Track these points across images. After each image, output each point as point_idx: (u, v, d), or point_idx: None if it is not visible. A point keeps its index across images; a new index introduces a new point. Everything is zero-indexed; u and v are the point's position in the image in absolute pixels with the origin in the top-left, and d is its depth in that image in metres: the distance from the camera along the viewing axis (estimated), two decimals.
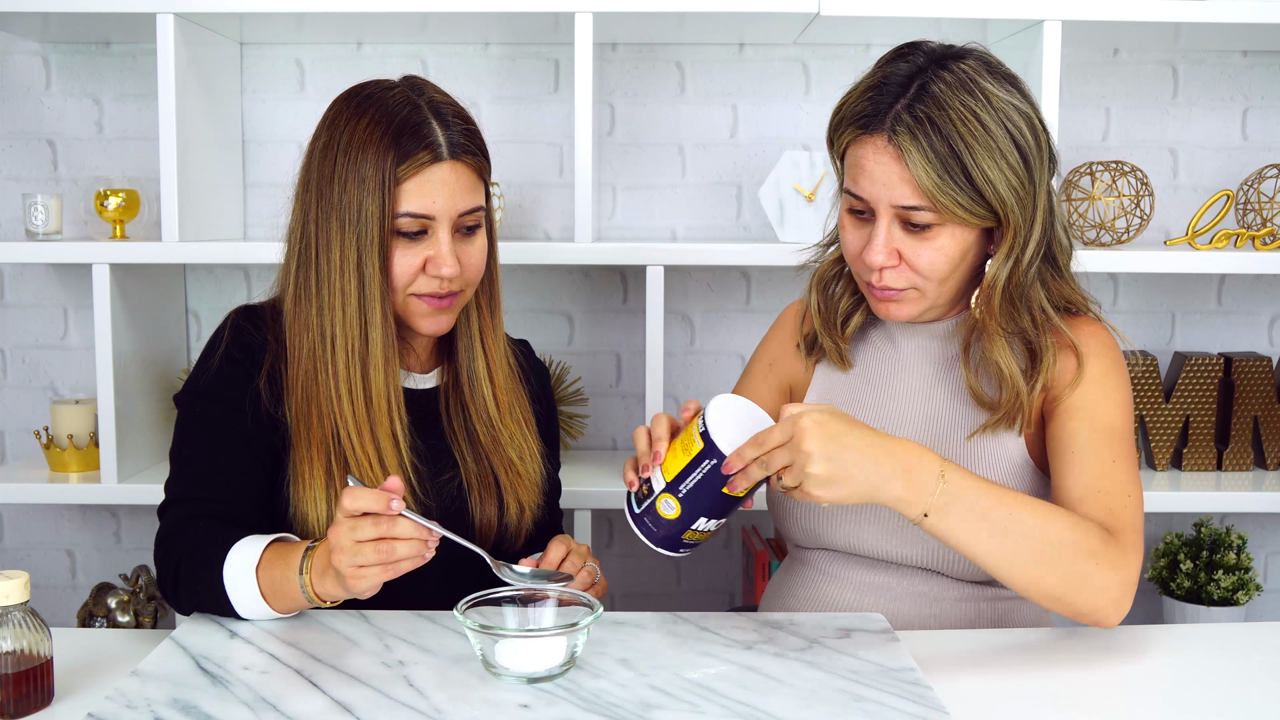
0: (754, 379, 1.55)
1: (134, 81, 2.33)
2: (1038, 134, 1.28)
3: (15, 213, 2.34)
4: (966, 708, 1.08)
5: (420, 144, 1.31)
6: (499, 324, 1.47)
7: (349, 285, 1.33)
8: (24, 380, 2.42)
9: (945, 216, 1.26)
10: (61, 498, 2.19)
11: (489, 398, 1.44)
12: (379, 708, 1.04)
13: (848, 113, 1.31)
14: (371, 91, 1.36)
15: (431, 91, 1.38)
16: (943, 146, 1.24)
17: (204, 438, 1.35)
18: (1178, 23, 2.03)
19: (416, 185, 1.31)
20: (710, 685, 1.08)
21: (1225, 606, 2.18)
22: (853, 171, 1.31)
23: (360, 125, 1.33)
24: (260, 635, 1.21)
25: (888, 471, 1.14)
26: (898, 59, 1.31)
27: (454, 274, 1.34)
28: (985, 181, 1.25)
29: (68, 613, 2.42)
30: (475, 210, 1.36)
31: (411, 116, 1.32)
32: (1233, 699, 1.13)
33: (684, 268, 2.36)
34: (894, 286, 1.32)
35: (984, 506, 1.17)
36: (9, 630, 1.05)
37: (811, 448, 1.12)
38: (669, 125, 2.36)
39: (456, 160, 1.33)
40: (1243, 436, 2.25)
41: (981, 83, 1.26)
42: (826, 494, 1.13)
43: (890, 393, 1.42)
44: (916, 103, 1.25)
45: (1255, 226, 2.19)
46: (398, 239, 1.33)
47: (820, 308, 1.46)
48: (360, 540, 1.13)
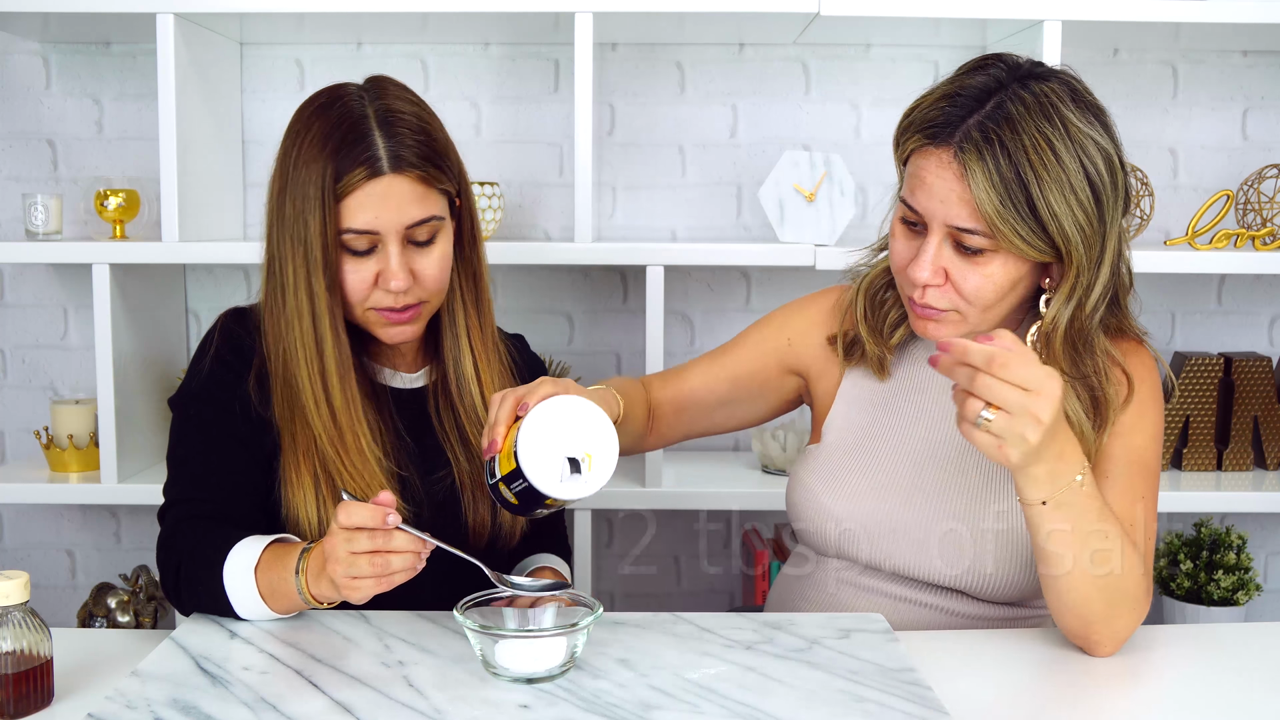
0: (759, 345, 1.50)
1: (134, 81, 2.33)
2: (1115, 172, 1.22)
3: (15, 213, 2.34)
4: (966, 708, 1.08)
5: (358, 159, 1.28)
6: (487, 323, 1.45)
7: (301, 303, 1.32)
8: (24, 380, 2.42)
9: (1001, 244, 1.21)
10: (61, 498, 2.19)
11: (477, 397, 1.43)
12: (379, 708, 1.04)
13: (917, 119, 1.25)
14: (325, 101, 1.34)
15: (389, 98, 1.33)
16: (1009, 171, 1.18)
17: (199, 439, 1.35)
18: (1178, 23, 2.03)
19: (357, 201, 1.29)
20: (710, 685, 1.08)
21: (1225, 606, 2.18)
22: (912, 181, 1.26)
23: (307, 139, 1.31)
24: (260, 636, 1.21)
25: (1051, 452, 1.12)
26: (977, 69, 1.25)
27: (404, 288, 1.31)
28: (1050, 215, 1.18)
29: (68, 613, 2.42)
30: (425, 221, 1.32)
31: (353, 130, 1.29)
32: (1233, 699, 1.13)
33: (684, 268, 2.36)
34: (935, 306, 1.27)
35: (1090, 522, 1.16)
36: (9, 630, 1.05)
37: (1044, 418, 1.07)
38: (669, 125, 2.36)
39: (399, 173, 1.29)
40: (1243, 436, 2.25)
41: (1062, 109, 1.19)
42: (1009, 451, 1.09)
43: (923, 408, 1.39)
44: (989, 121, 1.19)
45: (1255, 226, 2.19)
46: (346, 255, 1.31)
47: (867, 314, 1.41)
48: (355, 552, 1.13)
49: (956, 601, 1.35)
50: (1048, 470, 1.13)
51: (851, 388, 1.44)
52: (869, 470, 1.38)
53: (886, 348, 1.40)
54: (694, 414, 1.52)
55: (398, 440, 1.39)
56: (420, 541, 1.14)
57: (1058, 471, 1.14)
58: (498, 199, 2.11)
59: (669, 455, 2.34)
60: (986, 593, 1.33)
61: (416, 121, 1.33)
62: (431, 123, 1.35)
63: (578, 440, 1.13)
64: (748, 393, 1.51)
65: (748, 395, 1.51)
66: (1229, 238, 2.17)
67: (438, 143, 1.34)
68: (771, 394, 1.52)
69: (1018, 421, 1.07)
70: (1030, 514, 1.17)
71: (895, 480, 1.36)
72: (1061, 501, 1.15)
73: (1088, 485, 1.16)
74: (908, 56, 2.34)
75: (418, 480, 1.38)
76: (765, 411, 1.54)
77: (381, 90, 1.35)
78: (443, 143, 1.35)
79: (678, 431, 1.53)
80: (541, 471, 1.11)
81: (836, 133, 2.36)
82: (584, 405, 1.15)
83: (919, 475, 1.36)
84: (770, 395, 1.52)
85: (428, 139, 1.33)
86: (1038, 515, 1.16)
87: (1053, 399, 1.07)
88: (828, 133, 2.36)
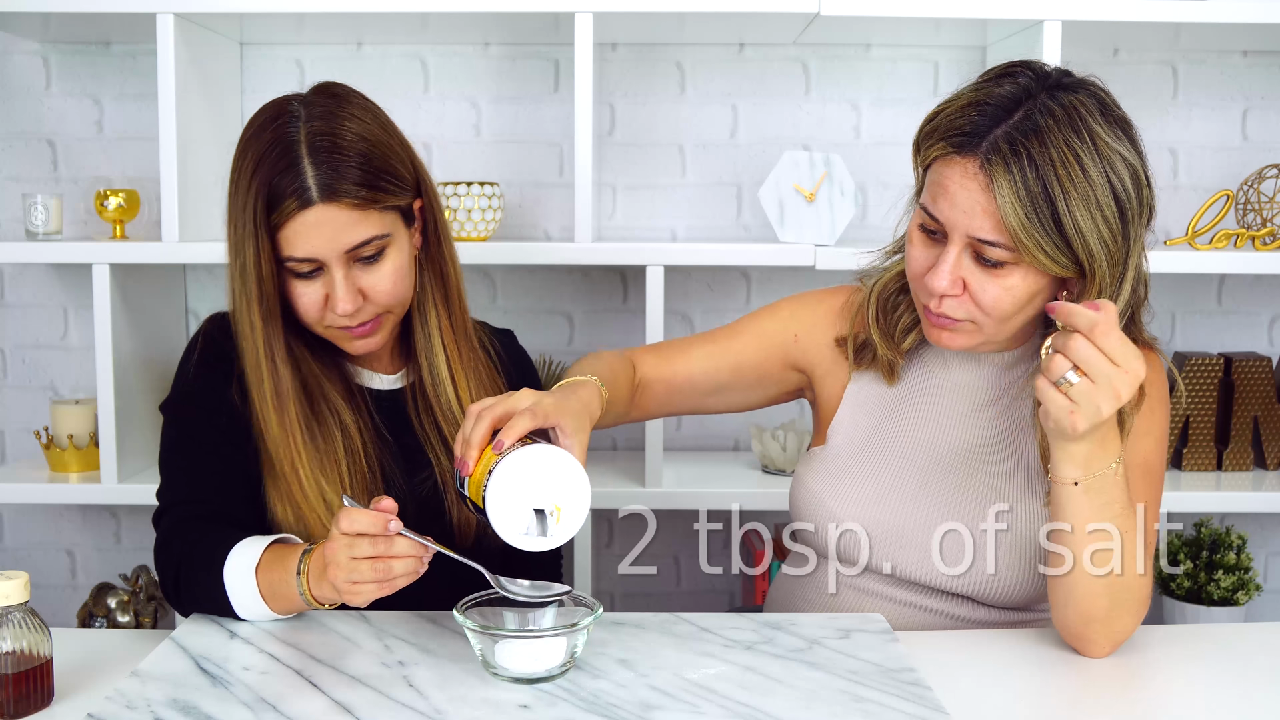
0: (764, 337, 1.48)
1: (134, 81, 2.33)
2: (1141, 188, 1.20)
3: (15, 213, 2.34)
4: (966, 708, 1.08)
5: (287, 191, 1.25)
6: (459, 323, 1.43)
7: (244, 329, 1.33)
8: (24, 380, 2.41)
9: (1023, 257, 1.19)
10: (61, 498, 2.19)
11: (452, 397, 1.41)
12: (379, 708, 1.04)
13: (942, 125, 1.23)
14: (261, 122, 1.31)
15: (325, 118, 1.28)
16: (1036, 185, 1.15)
17: (188, 442, 1.35)
18: (1178, 23, 2.03)
19: (292, 230, 1.27)
20: (710, 685, 1.08)
21: (1225, 606, 2.18)
22: (933, 189, 1.23)
23: (244, 164, 1.29)
24: (260, 636, 1.21)
25: (1099, 434, 1.15)
26: (1004, 76, 1.22)
27: (350, 310, 1.29)
28: (1075, 231, 1.17)
29: (68, 613, 2.42)
30: (366, 242, 1.28)
31: (283, 158, 1.26)
32: (1233, 699, 1.13)
33: (684, 268, 2.35)
34: (951, 316, 1.25)
35: (1115, 512, 1.18)
36: (9, 630, 1.05)
37: (1124, 395, 1.09)
38: (669, 125, 2.36)
39: (329, 202, 1.25)
40: (1243, 436, 2.25)
41: (1091, 123, 1.18)
42: (1079, 419, 1.10)
43: (929, 413, 1.39)
44: (1017, 132, 1.17)
45: (1255, 226, 2.19)
46: (294, 278, 1.30)
47: (879, 319, 1.40)
48: (356, 557, 1.12)
49: (959, 606, 1.35)
50: (1089, 452, 1.15)
51: (858, 391, 1.43)
52: (874, 475, 1.38)
53: (898, 352, 1.39)
54: (687, 396, 1.50)
55: (379, 441, 1.38)
56: (422, 546, 1.14)
57: (1097, 455, 1.15)
58: (498, 199, 2.11)
59: (669, 455, 2.34)
60: (988, 596, 1.33)
61: (354, 142, 1.28)
62: (374, 137, 1.30)
63: (548, 493, 1.10)
64: (746, 382, 1.50)
65: (746, 384, 1.50)
66: (1229, 238, 2.17)
67: (377, 160, 1.29)
68: (771, 385, 1.51)
69: (1098, 391, 1.09)
70: (1058, 493, 1.18)
71: (900, 486, 1.36)
72: (1092, 486, 1.16)
73: (1121, 474, 1.17)
74: (908, 56, 2.34)
75: (401, 481, 1.38)
76: (761, 400, 1.53)
77: (319, 108, 1.30)
78: (383, 159, 1.30)
79: (665, 409, 1.51)
80: (506, 524, 1.09)
81: (836, 133, 2.35)
82: (559, 458, 1.10)
83: (924, 480, 1.36)
84: (769, 386, 1.51)
85: (365, 160, 1.28)
86: (1067, 495, 1.17)
87: (1137, 379, 1.09)
88: (828, 133, 2.36)
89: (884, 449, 1.39)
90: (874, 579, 1.38)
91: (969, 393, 1.38)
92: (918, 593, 1.36)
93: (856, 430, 1.42)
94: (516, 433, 1.11)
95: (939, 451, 1.37)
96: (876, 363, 1.41)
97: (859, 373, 1.44)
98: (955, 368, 1.39)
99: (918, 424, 1.39)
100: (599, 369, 1.35)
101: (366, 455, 1.36)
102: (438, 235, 1.40)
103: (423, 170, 1.38)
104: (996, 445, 1.36)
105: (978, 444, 1.36)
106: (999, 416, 1.36)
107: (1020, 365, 1.36)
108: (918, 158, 1.29)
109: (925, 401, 1.40)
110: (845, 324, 1.46)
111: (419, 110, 2.34)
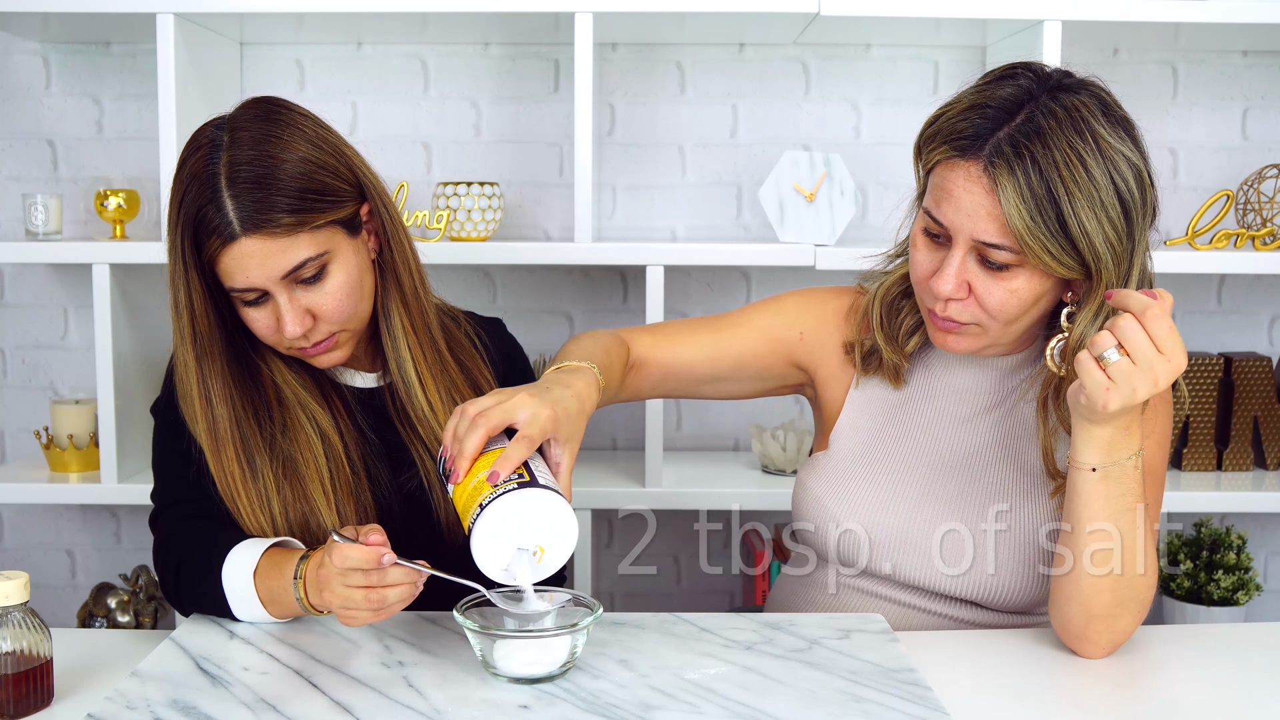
0: (768, 332, 1.47)
1: (134, 81, 2.33)
2: (1144, 188, 1.20)
3: (15, 213, 2.34)
4: (966, 708, 1.08)
5: (210, 227, 1.23)
6: (420, 324, 1.39)
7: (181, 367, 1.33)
8: (24, 380, 2.42)
9: (1029, 260, 1.18)
10: (61, 498, 2.19)
11: (422, 399, 1.38)
12: (379, 709, 1.04)
13: (944, 129, 1.22)
14: (185, 154, 1.27)
15: (244, 145, 1.24)
16: (1040, 187, 1.15)
17: (178, 444, 1.34)
18: (1178, 23, 2.03)
19: (225, 264, 1.24)
20: (710, 686, 1.08)
21: (1225, 606, 2.18)
22: (937, 193, 1.23)
23: (172, 201, 1.27)
24: (260, 636, 1.21)
25: (1123, 421, 1.15)
26: (1005, 78, 1.22)
27: (299, 333, 1.27)
28: (1080, 232, 1.16)
29: (68, 613, 2.42)
30: (302, 265, 1.25)
31: (203, 193, 1.23)
32: (1233, 699, 1.13)
33: (684, 268, 2.36)
34: (957, 319, 1.25)
35: (1127, 505, 1.18)
36: (9, 630, 1.05)
37: (1161, 382, 1.09)
38: (669, 125, 2.36)
39: (253, 234, 1.22)
40: (1243, 436, 2.25)
41: (1093, 124, 1.17)
42: (1112, 398, 1.10)
43: (932, 416, 1.39)
44: (1019, 134, 1.16)
45: (1255, 226, 2.19)
46: (244, 306, 1.29)
47: (883, 323, 1.39)
48: (351, 586, 1.12)
49: (960, 609, 1.35)
50: (1112, 438, 1.16)
51: (861, 395, 1.43)
52: (878, 480, 1.37)
53: (902, 356, 1.39)
54: (682, 381, 1.48)
55: (362, 441, 1.37)
56: (415, 572, 1.13)
57: (1119, 443, 1.16)
58: (498, 199, 2.11)
59: (669, 455, 2.34)
60: (988, 598, 1.33)
61: (276, 166, 1.23)
62: (300, 156, 1.25)
63: (534, 535, 1.09)
64: (746, 374, 1.48)
65: (745, 376, 1.49)
66: (1229, 238, 2.17)
67: (304, 180, 1.24)
68: (771, 379, 1.50)
69: (1137, 374, 1.09)
70: (1075, 479, 1.19)
71: (904, 490, 1.36)
72: (1110, 475, 1.17)
73: (1139, 471, 1.18)
74: (908, 56, 2.34)
75: (386, 479, 1.37)
76: (758, 392, 1.52)
77: (244, 133, 1.25)
78: (310, 177, 1.25)
79: (658, 392, 1.50)
80: (488, 558, 1.08)
81: (836, 133, 2.36)
82: (551, 503, 1.08)
83: (926, 485, 1.36)
84: (769, 380, 1.50)
85: (290, 183, 1.23)
86: (1083, 482, 1.18)
87: (1177, 369, 1.10)
88: (828, 133, 2.36)
89: (887, 454, 1.39)
90: (874, 580, 1.38)
91: (971, 397, 1.38)
92: (918, 595, 1.36)
93: (859, 435, 1.41)
94: (511, 465, 1.09)
95: (941, 456, 1.37)
96: (882, 368, 1.41)
97: (864, 377, 1.43)
98: (958, 372, 1.39)
99: (920, 428, 1.39)
100: (594, 352, 1.32)
101: (349, 459, 1.35)
102: (389, 237, 1.36)
103: (366, 174, 1.33)
104: (998, 450, 1.36)
105: (980, 448, 1.36)
106: (1001, 421, 1.36)
107: (1023, 370, 1.36)
108: (919, 161, 1.28)
109: (928, 406, 1.40)
110: (851, 328, 1.45)
111: (419, 110, 2.35)
